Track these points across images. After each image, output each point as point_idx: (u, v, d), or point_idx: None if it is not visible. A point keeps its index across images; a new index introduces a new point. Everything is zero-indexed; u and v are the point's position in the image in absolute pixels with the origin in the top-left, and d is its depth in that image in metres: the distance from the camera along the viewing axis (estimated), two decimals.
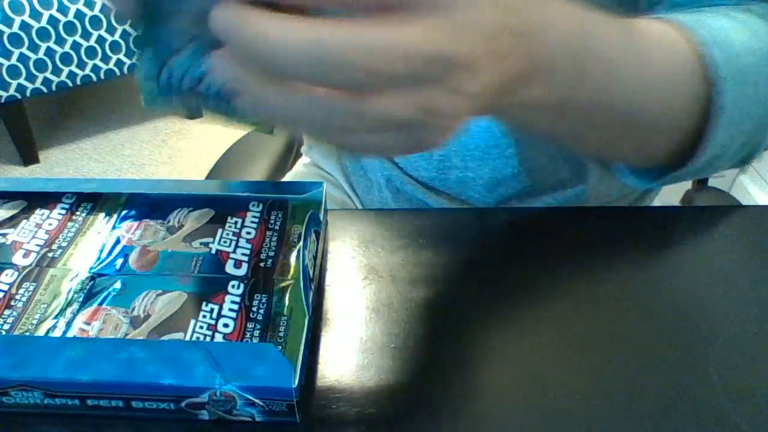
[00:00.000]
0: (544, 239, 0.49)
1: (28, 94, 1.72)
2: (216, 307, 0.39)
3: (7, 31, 1.61)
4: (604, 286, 0.45)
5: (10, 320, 0.38)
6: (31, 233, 0.44)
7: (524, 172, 0.60)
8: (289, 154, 0.77)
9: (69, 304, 0.39)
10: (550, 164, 0.60)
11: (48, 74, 1.72)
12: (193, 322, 0.38)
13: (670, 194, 0.82)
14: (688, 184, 0.86)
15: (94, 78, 1.81)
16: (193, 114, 2.08)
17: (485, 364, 0.39)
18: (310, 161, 0.79)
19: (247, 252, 0.43)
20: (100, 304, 0.39)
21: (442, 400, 0.37)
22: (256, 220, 0.45)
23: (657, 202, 0.75)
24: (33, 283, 0.40)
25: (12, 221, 0.45)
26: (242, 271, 0.41)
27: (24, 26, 1.62)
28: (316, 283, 0.43)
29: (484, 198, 0.62)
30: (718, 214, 0.55)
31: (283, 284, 0.40)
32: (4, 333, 0.37)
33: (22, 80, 1.69)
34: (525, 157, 0.59)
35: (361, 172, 0.68)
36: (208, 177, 0.77)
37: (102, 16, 1.72)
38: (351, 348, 0.40)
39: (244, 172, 0.74)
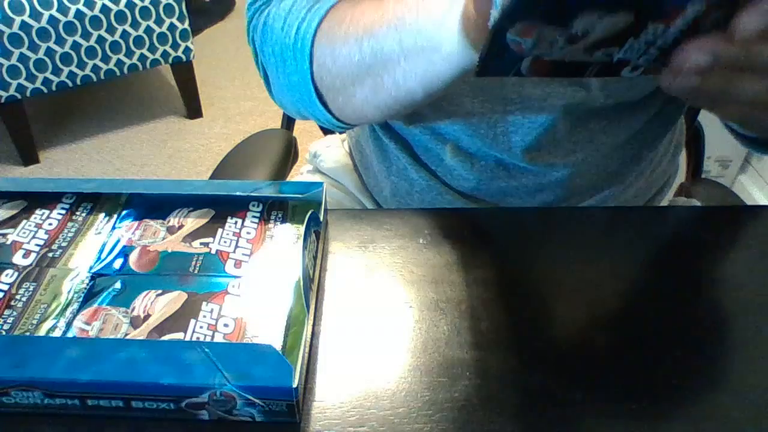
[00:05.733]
0: (544, 239, 0.49)
1: (28, 94, 1.72)
2: (216, 307, 0.39)
3: (7, 31, 1.60)
4: (604, 286, 0.45)
5: (10, 320, 0.38)
6: (31, 233, 0.44)
7: (567, 177, 0.60)
8: (288, 158, 0.77)
9: (69, 304, 0.39)
10: (595, 167, 0.60)
11: (48, 74, 1.72)
12: (193, 322, 0.38)
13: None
14: (682, 176, 0.86)
15: (94, 78, 1.80)
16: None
17: (486, 363, 0.39)
18: (314, 168, 0.78)
19: (247, 252, 0.43)
20: (100, 304, 0.39)
21: (443, 399, 0.37)
22: (256, 220, 0.45)
23: None
24: (33, 283, 0.40)
25: (12, 221, 0.45)
26: (241, 271, 0.41)
27: (24, 26, 1.62)
28: (316, 283, 0.43)
29: (524, 204, 0.62)
30: (719, 213, 0.55)
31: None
32: (4, 333, 0.37)
33: (22, 80, 1.68)
34: (575, 160, 0.59)
35: (389, 177, 0.67)
36: None
37: (102, 16, 1.71)
38: (351, 348, 0.40)
39: (243, 177, 0.74)
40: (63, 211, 0.46)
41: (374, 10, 0.45)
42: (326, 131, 0.90)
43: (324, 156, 0.77)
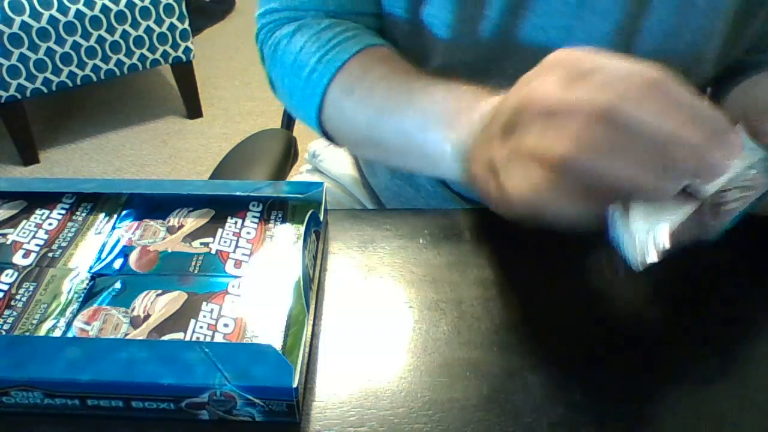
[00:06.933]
0: (544, 239, 0.49)
1: (28, 94, 1.71)
2: (216, 307, 0.39)
3: (7, 31, 1.60)
4: (604, 286, 0.45)
5: (10, 320, 0.38)
6: (31, 233, 0.44)
7: None
8: (288, 158, 0.77)
9: (69, 304, 0.39)
10: None
11: (48, 74, 1.72)
12: (193, 322, 0.38)
13: None
14: None
15: (94, 78, 1.80)
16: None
17: (486, 363, 0.39)
18: (313, 168, 0.78)
19: (247, 252, 0.43)
20: (100, 304, 0.39)
21: (443, 399, 0.37)
22: (256, 220, 0.45)
23: None
24: (33, 283, 0.40)
25: (12, 221, 0.45)
26: (242, 271, 0.41)
27: (24, 26, 1.62)
28: (316, 283, 0.43)
29: None
30: None
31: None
32: (4, 333, 0.37)
33: (22, 80, 1.68)
34: None
35: (392, 179, 0.67)
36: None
37: (102, 16, 1.71)
38: (351, 348, 0.40)
39: (243, 177, 0.74)
40: (63, 211, 0.46)
41: (383, 95, 0.47)
42: None
43: (324, 156, 0.77)
